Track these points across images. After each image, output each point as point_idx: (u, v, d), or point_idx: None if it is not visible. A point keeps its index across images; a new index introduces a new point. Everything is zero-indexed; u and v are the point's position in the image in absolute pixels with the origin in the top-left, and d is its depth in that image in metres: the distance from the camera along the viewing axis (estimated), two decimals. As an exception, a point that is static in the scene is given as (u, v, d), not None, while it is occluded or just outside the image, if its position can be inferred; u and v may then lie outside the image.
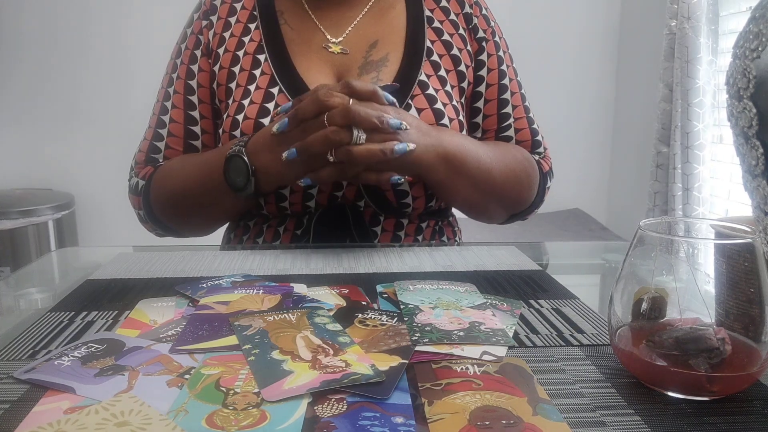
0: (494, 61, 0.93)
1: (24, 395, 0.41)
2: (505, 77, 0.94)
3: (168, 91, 0.91)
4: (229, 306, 0.55)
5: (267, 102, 0.83)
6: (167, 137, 0.90)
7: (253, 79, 0.85)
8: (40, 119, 2.51)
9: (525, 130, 0.95)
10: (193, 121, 0.89)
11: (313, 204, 0.83)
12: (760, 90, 0.44)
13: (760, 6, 0.46)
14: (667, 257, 0.41)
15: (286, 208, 0.84)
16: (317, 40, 0.88)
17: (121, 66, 2.48)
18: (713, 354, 0.39)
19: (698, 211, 2.07)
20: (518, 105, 0.95)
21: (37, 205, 2.26)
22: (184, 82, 0.90)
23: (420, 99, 0.84)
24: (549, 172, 0.96)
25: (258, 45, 0.87)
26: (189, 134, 0.90)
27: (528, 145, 0.95)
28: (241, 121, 0.82)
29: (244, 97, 0.84)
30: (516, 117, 0.94)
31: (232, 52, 0.88)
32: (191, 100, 0.89)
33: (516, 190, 0.88)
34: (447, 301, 0.57)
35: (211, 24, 0.90)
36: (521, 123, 0.95)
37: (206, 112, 0.90)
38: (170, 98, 0.90)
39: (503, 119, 0.94)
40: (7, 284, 0.70)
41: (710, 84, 2.05)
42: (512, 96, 0.94)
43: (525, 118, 0.95)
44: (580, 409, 0.39)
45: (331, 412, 0.38)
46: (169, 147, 0.90)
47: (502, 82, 0.94)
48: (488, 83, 0.93)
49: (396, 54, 0.88)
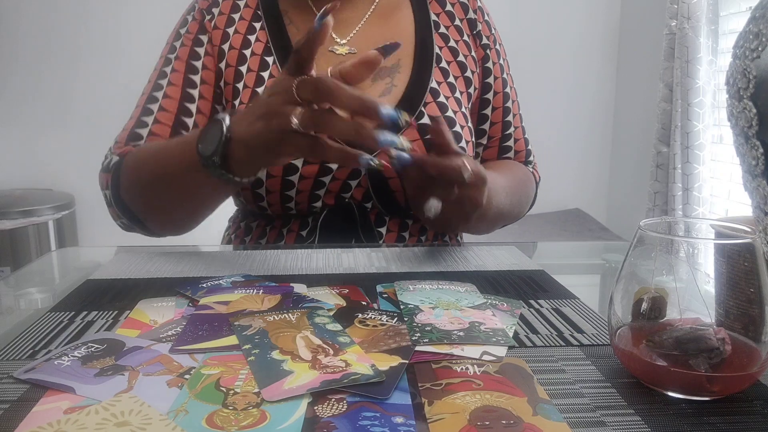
0: (498, 69, 0.95)
1: (24, 395, 0.41)
2: (507, 86, 0.96)
3: (164, 70, 0.87)
4: (229, 306, 0.55)
5: None
6: (157, 112, 0.84)
7: (261, 82, 0.84)
8: (41, 119, 2.51)
9: (521, 140, 0.98)
10: (190, 99, 0.85)
11: (319, 204, 0.83)
12: (760, 90, 0.44)
13: (760, 6, 0.46)
14: (667, 257, 0.41)
15: (292, 208, 0.83)
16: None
17: (122, 66, 2.48)
18: (713, 354, 0.39)
19: (698, 211, 2.07)
20: (516, 114, 0.97)
21: (37, 205, 2.26)
22: (185, 62, 0.87)
23: (432, 107, 0.84)
24: (538, 182, 1.00)
25: (265, 46, 0.86)
26: (182, 110, 0.85)
27: (522, 155, 0.98)
28: None
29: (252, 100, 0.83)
30: (515, 126, 0.97)
31: (238, 50, 0.86)
32: (192, 79, 0.86)
33: (518, 209, 0.91)
34: (447, 301, 0.57)
35: (213, 17, 0.89)
36: (518, 133, 0.97)
37: (207, 94, 0.86)
38: (166, 76, 0.86)
39: (506, 127, 0.95)
40: (7, 284, 0.70)
41: (710, 84, 2.05)
42: (512, 105, 0.96)
43: (520, 127, 0.98)
44: (580, 409, 0.39)
45: (331, 412, 0.38)
46: (158, 122, 0.83)
47: (505, 91, 0.95)
48: (495, 91, 0.95)
49: (407, 60, 0.88)
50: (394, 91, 0.85)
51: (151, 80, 0.89)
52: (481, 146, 0.97)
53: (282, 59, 0.85)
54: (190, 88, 0.86)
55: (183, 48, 0.88)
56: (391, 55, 0.83)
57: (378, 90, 0.85)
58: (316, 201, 0.82)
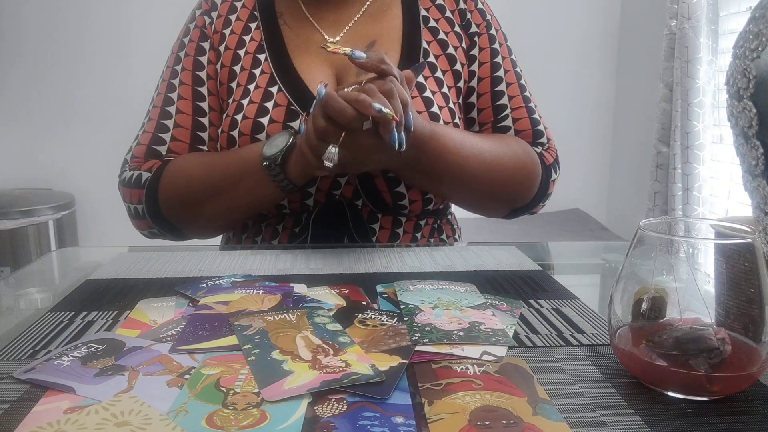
0: (486, 54, 0.92)
1: (24, 395, 0.41)
2: (499, 69, 0.92)
3: (172, 83, 0.89)
4: (229, 306, 0.55)
5: (266, 101, 0.83)
6: (174, 129, 0.87)
7: (252, 79, 0.85)
8: (41, 119, 2.51)
9: (524, 119, 0.91)
10: (202, 113, 0.88)
11: (311, 202, 0.84)
12: (760, 90, 0.44)
13: (760, 6, 0.46)
14: (667, 257, 0.41)
15: (285, 206, 0.84)
16: (315, 40, 0.88)
17: (122, 66, 2.48)
18: (713, 354, 0.39)
19: (698, 211, 2.07)
20: (515, 95, 0.92)
21: (37, 205, 2.26)
22: (191, 73, 0.89)
23: (417, 101, 0.84)
24: (554, 163, 0.92)
25: (258, 44, 0.88)
26: (197, 126, 0.88)
27: (528, 135, 0.91)
28: (239, 121, 0.82)
29: (244, 97, 0.84)
30: (513, 107, 0.92)
31: (233, 50, 0.88)
32: (200, 92, 0.88)
33: (508, 183, 0.85)
34: (447, 301, 0.57)
35: (213, 21, 0.90)
36: (520, 113, 0.92)
37: (215, 104, 0.89)
38: (176, 89, 0.88)
39: (499, 111, 0.91)
40: (7, 284, 0.70)
41: (710, 84, 2.05)
42: (508, 87, 0.92)
43: (524, 107, 0.92)
44: (580, 409, 0.39)
45: (331, 412, 0.38)
46: (176, 139, 0.87)
47: (496, 74, 0.92)
48: (480, 77, 0.92)
49: (393, 55, 0.88)
50: None
51: (161, 92, 0.90)
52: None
53: (274, 58, 0.86)
54: (200, 101, 0.88)
55: (188, 58, 0.89)
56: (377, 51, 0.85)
57: None
58: (308, 198, 0.83)
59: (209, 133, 0.88)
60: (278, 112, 0.82)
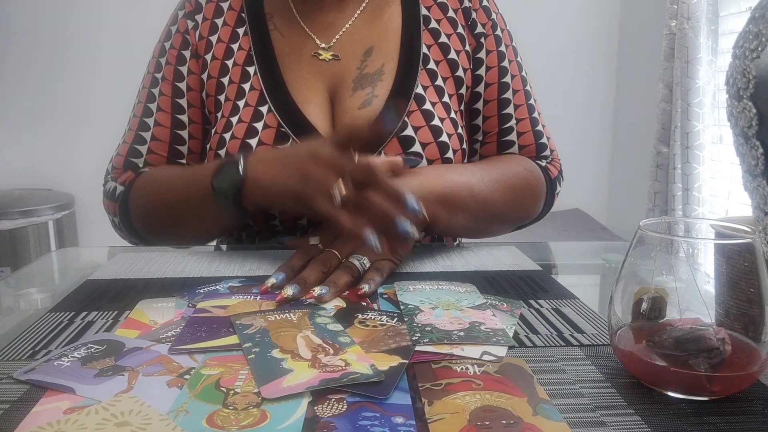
0: (494, 57, 0.87)
1: (24, 395, 0.41)
2: (507, 74, 0.88)
3: (152, 92, 0.86)
4: (227, 310, 0.55)
5: (255, 122, 0.79)
6: (150, 141, 0.84)
7: (242, 94, 0.81)
8: (41, 119, 2.51)
9: (528, 133, 0.88)
10: (181, 125, 0.85)
11: (304, 222, 0.80)
12: (760, 90, 0.44)
13: (760, 6, 0.46)
14: (667, 257, 0.41)
15: (277, 225, 0.81)
16: (308, 47, 0.84)
17: (122, 66, 2.48)
18: (713, 354, 0.39)
19: (698, 211, 2.07)
20: (521, 104, 0.88)
21: (37, 205, 2.26)
22: (171, 84, 0.85)
23: (416, 116, 0.80)
24: (558, 177, 0.90)
25: (247, 55, 0.83)
26: (175, 139, 0.85)
27: (532, 149, 0.88)
28: (227, 140, 0.79)
29: (233, 114, 0.81)
30: (518, 118, 0.88)
31: (220, 61, 0.84)
32: (179, 104, 0.85)
33: (518, 208, 0.84)
34: (447, 302, 0.57)
35: (197, 25, 0.86)
36: (524, 125, 0.88)
37: (196, 117, 0.85)
38: (155, 100, 0.85)
39: (504, 120, 0.87)
40: (7, 284, 0.70)
41: (710, 84, 2.05)
42: (515, 94, 0.88)
43: (528, 119, 0.88)
44: (580, 409, 0.39)
45: (331, 412, 0.38)
46: (152, 152, 0.84)
47: (503, 80, 0.88)
48: (487, 83, 0.87)
49: (391, 64, 0.83)
50: (375, 102, 0.80)
51: (141, 100, 0.87)
52: (477, 143, 0.90)
53: (263, 68, 0.82)
54: (179, 114, 0.85)
55: (168, 67, 0.86)
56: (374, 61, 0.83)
57: (358, 101, 0.80)
58: (301, 218, 0.80)
59: (188, 146, 0.85)
60: (267, 135, 0.78)
